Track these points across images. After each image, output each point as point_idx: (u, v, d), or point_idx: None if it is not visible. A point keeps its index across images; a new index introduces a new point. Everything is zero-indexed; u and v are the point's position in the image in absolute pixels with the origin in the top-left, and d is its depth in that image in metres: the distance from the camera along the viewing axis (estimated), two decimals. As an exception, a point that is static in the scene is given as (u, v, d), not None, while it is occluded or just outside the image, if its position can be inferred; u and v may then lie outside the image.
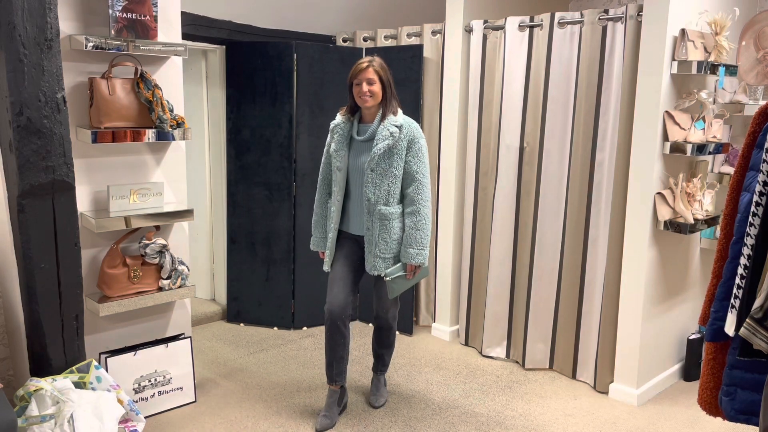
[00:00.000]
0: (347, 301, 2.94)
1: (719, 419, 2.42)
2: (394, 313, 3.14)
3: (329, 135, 2.97)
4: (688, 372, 3.59)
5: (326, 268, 3.04)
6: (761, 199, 1.76)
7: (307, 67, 4.01)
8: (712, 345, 1.99)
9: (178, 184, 3.11)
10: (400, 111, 2.89)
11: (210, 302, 4.48)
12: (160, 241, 2.94)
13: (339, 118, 2.95)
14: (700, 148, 3.09)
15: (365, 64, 2.81)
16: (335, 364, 3.01)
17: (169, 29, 2.93)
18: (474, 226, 3.88)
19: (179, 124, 2.89)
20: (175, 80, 3.02)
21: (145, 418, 2.91)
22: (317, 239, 3.11)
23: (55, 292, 2.55)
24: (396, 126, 2.81)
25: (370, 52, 4.11)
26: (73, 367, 2.61)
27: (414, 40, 4.07)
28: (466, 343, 4.00)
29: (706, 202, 3.35)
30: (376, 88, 2.80)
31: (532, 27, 3.49)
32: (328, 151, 3.00)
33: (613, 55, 3.22)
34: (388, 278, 2.87)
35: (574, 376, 3.57)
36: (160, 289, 2.98)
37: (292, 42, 3.98)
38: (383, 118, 2.83)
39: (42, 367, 2.60)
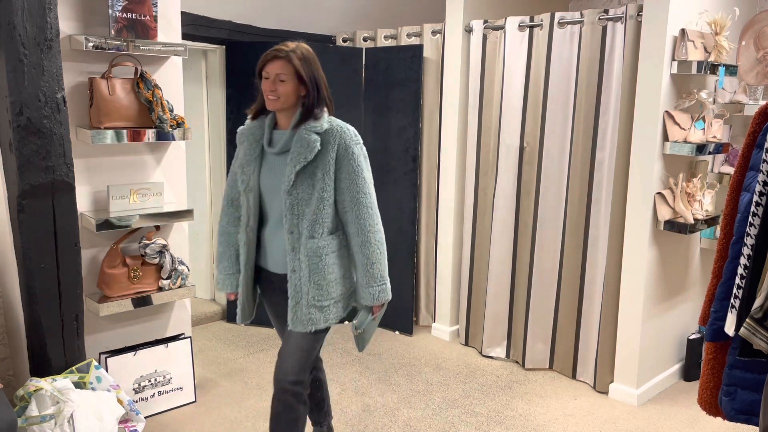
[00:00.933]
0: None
1: (719, 419, 2.42)
2: (302, 378, 2.24)
3: (238, 145, 2.30)
4: (688, 372, 3.59)
5: (239, 319, 2.36)
6: (761, 199, 1.76)
7: (307, 67, 4.00)
8: (712, 345, 1.99)
9: (178, 184, 3.11)
10: (325, 113, 2.17)
11: (210, 302, 4.48)
12: (160, 241, 2.94)
13: (247, 121, 2.31)
14: (700, 148, 3.09)
15: (278, 54, 2.10)
16: None
17: (169, 29, 2.93)
18: (474, 226, 3.88)
19: (179, 124, 2.89)
20: (175, 80, 3.02)
21: (145, 418, 2.91)
22: (224, 276, 2.36)
23: (55, 292, 2.56)
24: (316, 133, 2.11)
25: (370, 52, 4.11)
26: (73, 367, 2.62)
27: (414, 40, 4.07)
28: (466, 343, 4.00)
29: (706, 202, 3.35)
30: (288, 88, 2.11)
31: (532, 27, 3.49)
32: (234, 164, 2.31)
33: (613, 55, 3.22)
34: (359, 331, 2.27)
35: (574, 376, 3.57)
36: (160, 289, 2.98)
37: (292, 42, 3.98)
38: (298, 124, 2.14)
39: (42, 367, 2.60)
